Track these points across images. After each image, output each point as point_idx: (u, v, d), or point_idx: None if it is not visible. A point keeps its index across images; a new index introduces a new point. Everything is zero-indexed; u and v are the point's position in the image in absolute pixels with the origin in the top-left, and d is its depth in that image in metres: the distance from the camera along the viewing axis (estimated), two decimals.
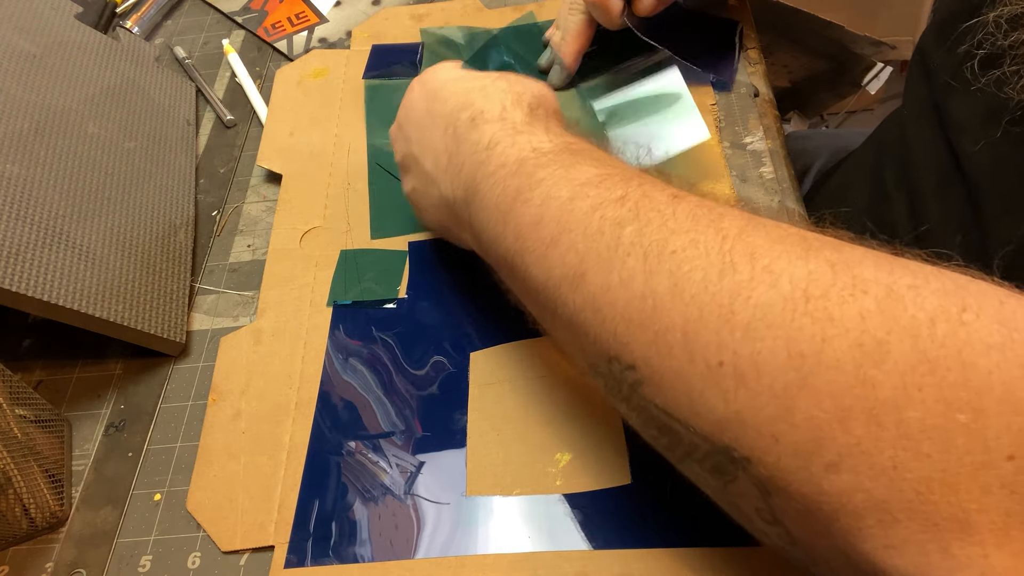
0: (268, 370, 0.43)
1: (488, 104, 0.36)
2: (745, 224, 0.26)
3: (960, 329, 0.21)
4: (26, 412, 0.39)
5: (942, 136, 0.43)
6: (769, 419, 0.23)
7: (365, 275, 0.47)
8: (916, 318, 0.21)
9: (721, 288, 0.24)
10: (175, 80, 0.59)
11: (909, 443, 0.20)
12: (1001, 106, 0.37)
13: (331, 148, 0.54)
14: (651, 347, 0.26)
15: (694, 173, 0.48)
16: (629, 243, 0.27)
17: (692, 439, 0.25)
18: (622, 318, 0.27)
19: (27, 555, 0.38)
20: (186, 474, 0.40)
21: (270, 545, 0.37)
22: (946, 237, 0.43)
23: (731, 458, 0.24)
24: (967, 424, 0.20)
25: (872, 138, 0.60)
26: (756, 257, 0.24)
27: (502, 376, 0.41)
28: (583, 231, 0.29)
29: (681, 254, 0.26)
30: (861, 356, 0.21)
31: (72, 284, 0.41)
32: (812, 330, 0.22)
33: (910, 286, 0.22)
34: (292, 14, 0.65)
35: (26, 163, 0.44)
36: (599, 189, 0.29)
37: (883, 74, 0.66)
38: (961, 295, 0.22)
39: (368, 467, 0.39)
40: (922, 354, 0.21)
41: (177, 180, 0.53)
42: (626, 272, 0.27)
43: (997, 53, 0.37)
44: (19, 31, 0.51)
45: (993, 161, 0.39)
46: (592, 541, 0.35)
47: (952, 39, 0.41)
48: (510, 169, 0.33)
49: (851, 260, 0.23)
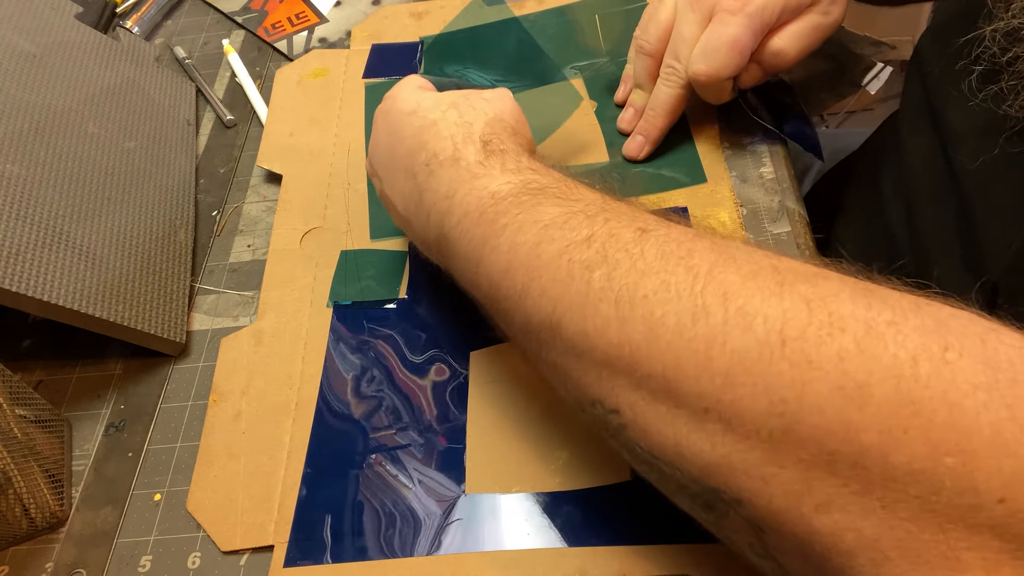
0: (268, 370, 0.43)
1: (440, 144, 0.35)
2: (716, 259, 0.25)
3: (944, 369, 0.20)
4: (26, 412, 0.39)
5: (938, 142, 0.43)
6: (757, 463, 0.22)
7: (365, 275, 0.47)
8: (898, 357, 0.21)
9: (696, 334, 0.24)
10: (175, 80, 0.59)
11: (897, 485, 0.20)
12: (999, 122, 0.37)
13: (331, 148, 0.54)
14: (633, 393, 0.26)
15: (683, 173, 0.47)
16: (600, 288, 0.27)
17: (681, 480, 0.25)
18: (602, 364, 0.26)
19: (27, 555, 0.38)
20: (186, 474, 0.40)
21: (270, 545, 0.37)
22: (943, 242, 0.43)
23: (721, 499, 0.24)
24: (955, 467, 0.19)
25: (870, 141, 0.60)
26: (729, 297, 0.24)
27: (502, 375, 0.41)
28: (552, 277, 0.28)
29: (653, 298, 0.25)
30: (843, 400, 0.21)
31: (72, 284, 0.41)
32: (791, 375, 0.22)
33: (889, 322, 0.22)
34: (292, 14, 0.65)
35: (26, 163, 0.44)
36: (564, 230, 0.29)
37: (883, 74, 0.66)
38: (942, 332, 0.21)
39: (368, 467, 0.39)
40: (906, 395, 0.20)
41: (177, 180, 0.53)
42: (600, 319, 0.26)
43: (996, 69, 0.37)
44: (19, 31, 0.51)
45: (988, 177, 0.39)
46: (591, 538, 0.35)
47: (951, 51, 0.41)
48: (472, 219, 0.32)
49: (826, 294, 0.23)
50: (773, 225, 0.45)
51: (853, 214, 0.54)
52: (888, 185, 0.50)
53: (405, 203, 0.37)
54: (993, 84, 0.37)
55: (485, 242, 0.31)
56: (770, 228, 0.45)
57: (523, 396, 0.40)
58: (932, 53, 0.45)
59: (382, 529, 0.36)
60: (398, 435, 0.40)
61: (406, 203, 0.37)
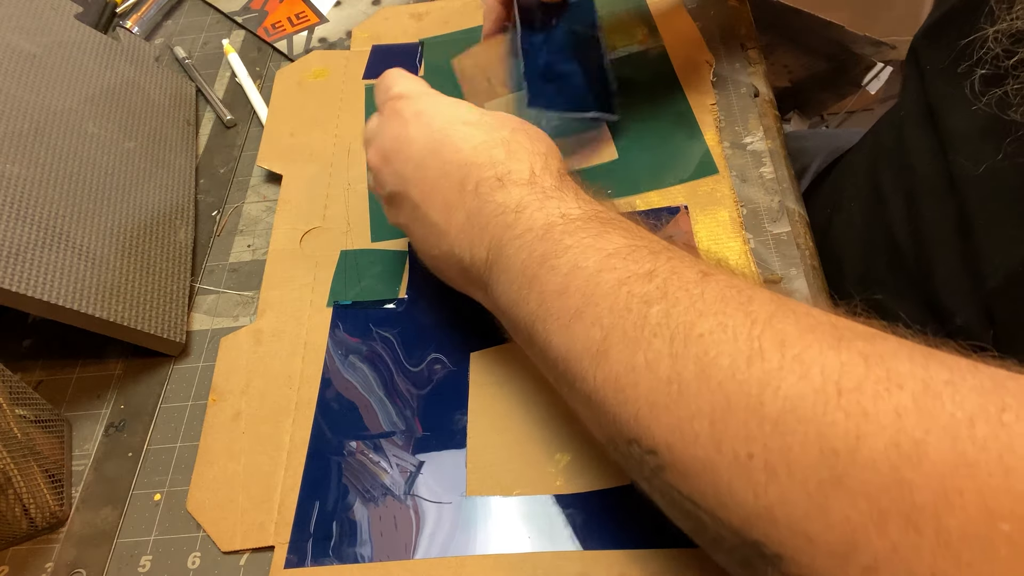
0: (268, 370, 0.43)
1: (517, 165, 0.34)
2: (775, 309, 0.25)
3: (1001, 431, 0.20)
4: (26, 412, 0.39)
5: (937, 140, 0.43)
6: (802, 517, 0.22)
7: (365, 275, 0.47)
8: (955, 417, 0.20)
9: (749, 376, 0.23)
10: (175, 80, 0.59)
11: (949, 551, 0.19)
12: (1003, 127, 0.36)
13: (331, 148, 0.54)
14: (675, 433, 0.25)
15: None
16: (656, 323, 0.26)
17: (719, 530, 0.24)
18: (645, 401, 0.26)
19: (27, 555, 0.38)
20: (186, 474, 0.40)
21: (270, 545, 0.37)
22: (942, 240, 0.43)
23: (761, 553, 0.23)
24: (1011, 534, 0.19)
25: (869, 137, 0.59)
26: (786, 345, 0.23)
27: (502, 376, 0.41)
28: (609, 306, 0.28)
29: (708, 338, 0.25)
30: (898, 456, 0.20)
31: (72, 284, 0.41)
32: (846, 425, 0.21)
33: (947, 382, 0.21)
34: (292, 14, 0.65)
35: (26, 163, 0.44)
36: (627, 261, 0.28)
37: (883, 74, 0.66)
38: (1000, 394, 0.21)
39: (368, 467, 0.39)
40: (961, 456, 0.20)
41: (177, 180, 0.53)
42: (652, 353, 0.26)
43: (1000, 73, 0.36)
44: (19, 31, 0.51)
45: (991, 184, 0.38)
46: (592, 541, 0.35)
47: (952, 51, 0.40)
48: (537, 234, 0.31)
49: (885, 352, 0.22)
50: (773, 225, 0.45)
51: (852, 212, 0.54)
52: (887, 183, 0.50)
53: (449, 212, 0.35)
54: (997, 88, 0.36)
55: (544, 260, 0.31)
56: (770, 228, 0.45)
57: (524, 398, 0.40)
58: (931, 49, 0.45)
59: (383, 530, 0.36)
60: (398, 436, 0.40)
61: (450, 213, 0.35)
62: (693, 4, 0.57)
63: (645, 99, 0.52)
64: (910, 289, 0.45)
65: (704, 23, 0.56)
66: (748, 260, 0.43)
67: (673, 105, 0.51)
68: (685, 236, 0.45)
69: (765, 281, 0.42)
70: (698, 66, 0.53)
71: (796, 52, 0.71)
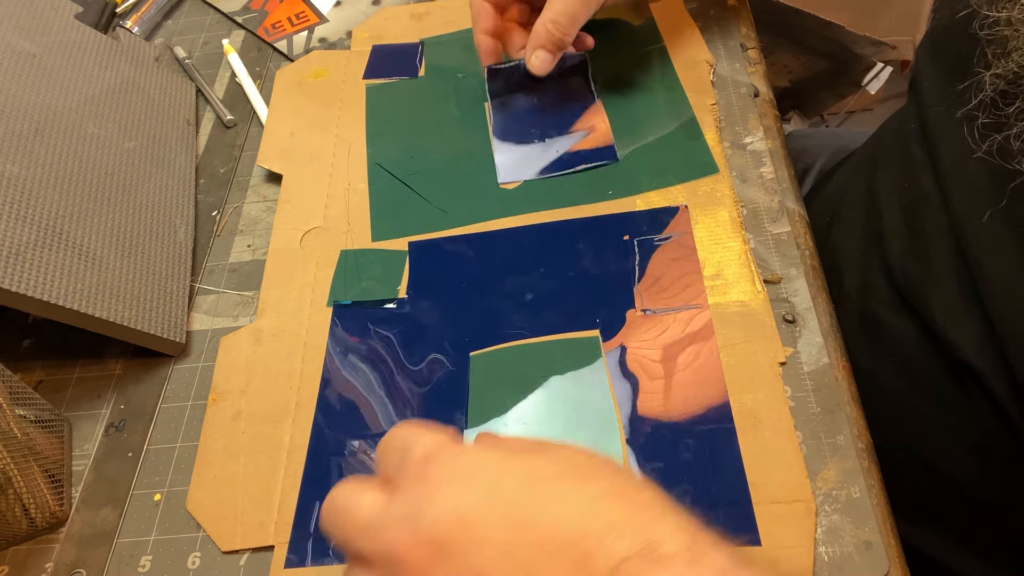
0: (268, 370, 0.43)
1: (656, 528, 0.25)
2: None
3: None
4: (26, 412, 0.39)
5: (935, 176, 0.43)
6: None
7: (365, 275, 0.47)
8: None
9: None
10: (175, 80, 0.59)
11: None
12: (1006, 175, 0.36)
13: (331, 148, 0.54)
14: None
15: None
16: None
17: None
18: None
19: (27, 555, 0.38)
20: (186, 474, 0.40)
21: (270, 545, 0.37)
22: (938, 252, 0.42)
23: None
24: None
25: (870, 143, 0.59)
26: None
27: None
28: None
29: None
30: None
31: (72, 284, 0.41)
32: None
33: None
34: (292, 14, 0.65)
35: (26, 163, 0.44)
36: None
37: (883, 74, 0.66)
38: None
39: (368, 466, 0.39)
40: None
41: (177, 180, 0.53)
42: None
43: (1000, 121, 0.36)
44: (19, 31, 0.51)
45: (994, 232, 0.38)
46: None
47: (951, 99, 0.40)
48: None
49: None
50: (773, 225, 0.45)
51: (853, 215, 0.54)
52: (887, 188, 0.50)
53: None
54: (997, 133, 0.36)
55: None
56: (770, 228, 0.45)
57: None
58: (931, 65, 0.44)
59: None
60: None
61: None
62: (693, 4, 0.57)
63: (645, 99, 0.52)
64: (907, 304, 0.44)
65: (704, 23, 0.56)
66: (748, 260, 0.43)
67: (673, 105, 0.51)
68: (685, 236, 0.45)
69: (765, 281, 0.42)
70: (698, 66, 0.53)
71: (796, 52, 0.71)
